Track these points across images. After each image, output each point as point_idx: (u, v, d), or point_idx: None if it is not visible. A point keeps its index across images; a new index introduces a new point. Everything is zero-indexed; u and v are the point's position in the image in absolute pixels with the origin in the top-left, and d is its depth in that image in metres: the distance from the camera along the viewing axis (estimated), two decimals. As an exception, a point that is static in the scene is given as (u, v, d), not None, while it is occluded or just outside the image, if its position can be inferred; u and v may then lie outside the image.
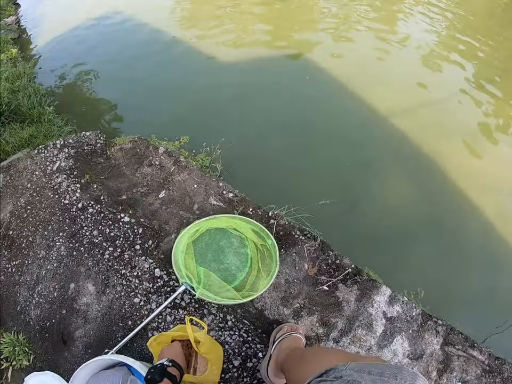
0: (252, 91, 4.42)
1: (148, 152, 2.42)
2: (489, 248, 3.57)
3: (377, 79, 5.32)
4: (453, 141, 4.59)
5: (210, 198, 2.22)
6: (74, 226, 2.16)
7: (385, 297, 2.07)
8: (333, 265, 2.12)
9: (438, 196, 3.89)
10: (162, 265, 2.00)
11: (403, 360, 1.91)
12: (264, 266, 2.03)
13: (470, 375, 2.06)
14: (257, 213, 2.20)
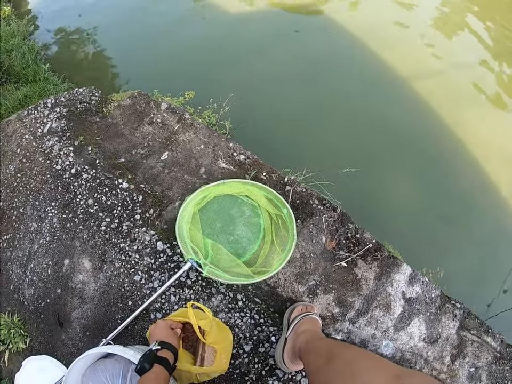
0: (266, 43, 4.07)
1: (149, 108, 2.13)
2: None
3: (396, 40, 4.91)
4: (472, 110, 4.24)
5: (219, 160, 1.94)
6: (68, 194, 1.92)
7: (405, 276, 1.89)
8: (352, 240, 1.87)
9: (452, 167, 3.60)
10: (165, 237, 1.76)
11: (418, 343, 1.79)
12: (278, 238, 1.78)
13: (481, 362, 1.97)
14: (272, 178, 1.92)
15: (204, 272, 1.53)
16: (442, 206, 3.18)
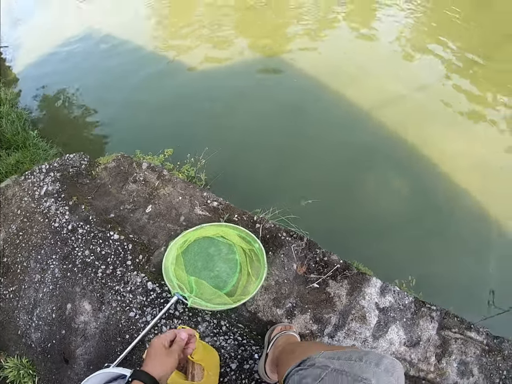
0: (235, 97, 4.50)
1: (132, 168, 2.48)
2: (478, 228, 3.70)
3: (357, 74, 5.42)
4: (435, 127, 4.70)
5: (196, 208, 2.29)
6: (66, 248, 2.22)
7: (376, 288, 2.14)
8: (321, 263, 2.18)
9: (424, 182, 3.99)
10: (154, 278, 2.07)
11: (400, 348, 1.98)
12: (253, 270, 2.10)
13: (470, 357, 2.13)
14: (243, 218, 2.27)
15: (188, 303, 1.85)
16: (416, 219, 3.55)
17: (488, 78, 6.24)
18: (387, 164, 4.00)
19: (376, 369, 0.88)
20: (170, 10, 6.97)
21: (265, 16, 6.85)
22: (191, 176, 2.99)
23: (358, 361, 0.90)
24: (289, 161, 3.73)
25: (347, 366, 0.91)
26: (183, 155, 3.13)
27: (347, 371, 0.89)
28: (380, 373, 0.87)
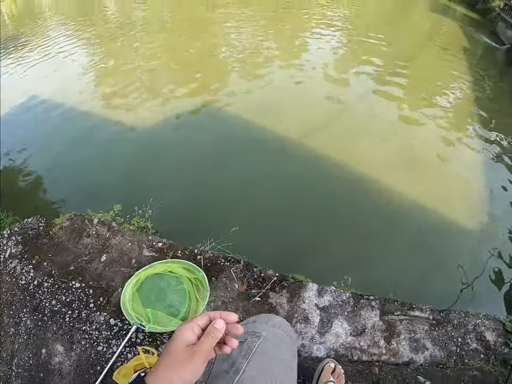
0: (170, 149, 4.99)
1: (84, 225, 2.89)
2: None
3: (288, 106, 6.11)
4: (364, 140, 5.44)
5: (144, 251, 2.73)
6: (35, 301, 2.58)
7: (313, 291, 2.56)
8: (259, 279, 2.66)
9: (352, 193, 4.63)
10: (115, 315, 2.47)
11: (347, 339, 2.33)
12: (200, 295, 2.54)
13: (419, 333, 2.45)
14: (185, 253, 2.73)
15: (146, 328, 2.27)
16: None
17: (410, 86, 7.17)
18: (318, 185, 4.60)
19: (265, 325, 1.16)
20: (107, 71, 7.40)
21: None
22: (142, 226, 3.39)
23: (251, 323, 1.20)
24: (221, 198, 4.25)
25: (249, 326, 1.17)
26: (132, 208, 3.52)
27: (248, 330, 1.16)
28: (268, 327, 1.15)
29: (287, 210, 4.26)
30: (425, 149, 6.49)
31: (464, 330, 2.67)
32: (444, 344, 2.51)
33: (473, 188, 6.14)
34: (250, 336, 1.11)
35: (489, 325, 2.82)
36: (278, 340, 1.15)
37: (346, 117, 6.46)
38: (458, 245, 4.87)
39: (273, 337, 1.14)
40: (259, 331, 1.13)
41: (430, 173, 5.91)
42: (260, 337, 1.11)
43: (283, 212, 4.25)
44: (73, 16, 12.00)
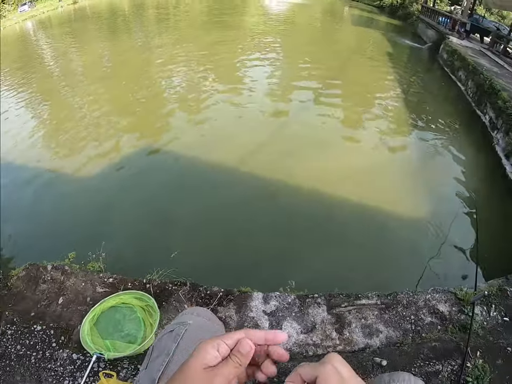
0: (118, 192, 5.30)
1: (40, 272, 3.16)
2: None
3: (232, 135, 6.59)
4: (308, 153, 5.95)
5: (97, 288, 3.04)
6: (1, 349, 2.83)
7: (259, 300, 2.85)
8: (206, 297, 3.00)
9: (295, 207, 5.09)
10: (77, 350, 2.76)
11: (299, 337, 2.55)
12: (153, 320, 2.88)
13: (370, 319, 2.68)
14: (135, 284, 3.06)
15: (105, 356, 2.59)
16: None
17: (346, 98, 7.84)
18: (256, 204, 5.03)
19: (191, 315, 1.32)
20: (51, 124, 7.57)
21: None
22: (97, 270, 3.62)
23: (180, 316, 1.37)
24: (166, 230, 4.60)
25: (176, 320, 1.32)
26: (85, 253, 3.73)
27: (174, 322, 1.28)
28: (193, 317, 1.31)
29: (229, 231, 4.67)
30: (367, 156, 7.15)
31: (415, 308, 2.96)
32: (397, 324, 2.75)
33: (416, 185, 6.81)
34: (178, 325, 1.22)
35: (440, 297, 3.17)
36: (204, 326, 1.29)
37: (288, 136, 7.03)
38: (404, 238, 5.45)
39: (199, 324, 1.26)
40: (185, 320, 1.25)
41: (373, 177, 6.52)
42: (186, 324, 1.21)
43: (225, 233, 4.67)
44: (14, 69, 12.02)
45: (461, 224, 5.86)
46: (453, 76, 14.92)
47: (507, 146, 8.66)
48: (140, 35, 16.26)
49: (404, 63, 15.91)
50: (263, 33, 16.77)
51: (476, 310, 3.11)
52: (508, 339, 2.94)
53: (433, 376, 2.54)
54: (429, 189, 6.82)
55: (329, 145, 6.85)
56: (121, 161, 6.05)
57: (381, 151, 7.68)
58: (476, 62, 13.63)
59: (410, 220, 5.96)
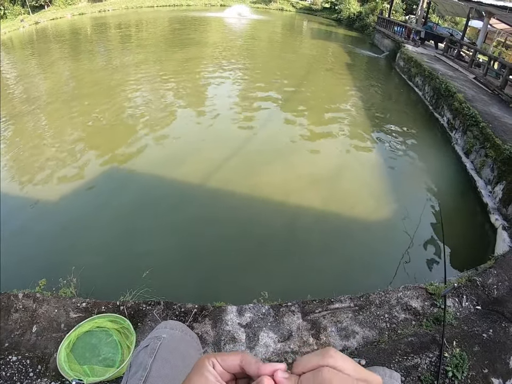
0: (88, 214, 5.27)
1: (11, 301, 3.15)
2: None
3: (198, 153, 6.65)
4: (264, 169, 6.11)
5: (70, 313, 3.07)
6: (-24, 383, 2.84)
7: (234, 313, 2.90)
8: (181, 314, 3.05)
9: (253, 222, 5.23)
10: (55, 378, 2.78)
11: (277, 346, 2.61)
12: (130, 342, 2.94)
13: (345, 322, 2.76)
14: (109, 307, 3.11)
15: (85, 382, 2.65)
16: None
17: (309, 109, 8.06)
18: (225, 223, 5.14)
19: (165, 329, 1.34)
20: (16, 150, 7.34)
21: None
22: (69, 296, 3.61)
23: (155, 330, 1.37)
24: (136, 250, 4.64)
25: (150, 335, 1.38)
26: (56, 280, 3.69)
27: (149, 337, 1.30)
28: (167, 330, 1.33)
29: (198, 246, 4.76)
30: (330, 163, 7.37)
31: (388, 306, 3.07)
32: (372, 324, 2.85)
33: (381, 188, 7.07)
34: (153, 339, 1.25)
35: (411, 294, 3.33)
36: (178, 338, 1.29)
37: (252, 149, 7.18)
38: (373, 239, 5.64)
39: (173, 337, 1.28)
40: (160, 334, 1.26)
41: (337, 183, 6.74)
42: (161, 339, 1.23)
43: (195, 249, 4.75)
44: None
45: (427, 221, 6.14)
46: (410, 82, 15.62)
47: (466, 145, 9.12)
48: (103, 55, 16.05)
49: (363, 72, 16.55)
50: (226, 50, 16.94)
51: (448, 302, 3.30)
52: (481, 326, 3.13)
53: (413, 369, 2.67)
54: (394, 190, 7.10)
55: (293, 156, 7.06)
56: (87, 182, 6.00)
57: (344, 158, 7.96)
58: (432, 67, 14.27)
59: (378, 221, 6.18)
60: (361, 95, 12.69)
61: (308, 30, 28.31)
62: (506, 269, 3.95)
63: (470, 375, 2.67)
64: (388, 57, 20.37)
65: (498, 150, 7.50)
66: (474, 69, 15.60)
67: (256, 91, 10.72)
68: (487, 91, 12.58)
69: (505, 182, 7.03)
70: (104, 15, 31.22)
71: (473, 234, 6.46)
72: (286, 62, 15.65)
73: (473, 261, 4.34)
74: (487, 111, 9.74)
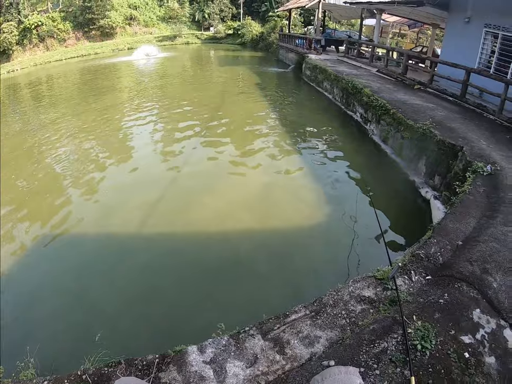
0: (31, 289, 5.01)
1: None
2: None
3: (129, 201, 6.56)
4: (195, 204, 6.09)
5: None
6: None
7: (195, 353, 2.80)
8: (144, 367, 2.79)
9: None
10: None
11: (247, 373, 2.55)
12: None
13: (305, 330, 2.76)
14: (71, 379, 2.84)
15: None
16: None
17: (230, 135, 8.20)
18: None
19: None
20: None
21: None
22: (30, 378, 3.31)
23: None
24: (80, 315, 4.46)
25: None
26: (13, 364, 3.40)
27: None
28: None
29: (147, 297, 4.60)
30: (258, 183, 7.63)
31: (343, 303, 3.10)
32: (332, 324, 2.87)
33: (309, 193, 7.29)
34: None
35: (361, 285, 3.39)
36: None
37: (181, 187, 7.16)
38: (315, 244, 5.77)
39: None
40: None
41: (268, 200, 6.83)
42: None
43: (142, 297, 4.58)
44: None
45: (364, 212, 6.40)
46: (320, 88, 16.59)
47: (382, 133, 9.76)
48: (19, 117, 15.18)
49: (274, 88, 17.28)
50: (141, 92, 16.78)
51: (398, 282, 3.42)
52: (436, 294, 3.26)
53: (382, 354, 2.71)
54: (326, 192, 7.37)
55: (220, 184, 7.14)
56: (19, 253, 5.64)
57: (271, 174, 8.15)
58: (336, 70, 15.18)
59: (319, 224, 6.36)
60: (276, 110, 13.13)
61: (216, 58, 28.87)
62: (445, 234, 4.17)
63: (439, 341, 2.77)
64: (294, 69, 21.37)
65: (412, 130, 8.05)
66: (376, 63, 16.81)
67: (176, 128, 10.73)
68: (391, 80, 13.52)
69: (425, 157, 7.54)
70: (13, 75, 29.46)
71: (410, 212, 6.85)
72: (200, 94, 15.82)
73: (416, 236, 4.50)
74: (394, 98, 10.40)
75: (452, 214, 4.68)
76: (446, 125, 8.01)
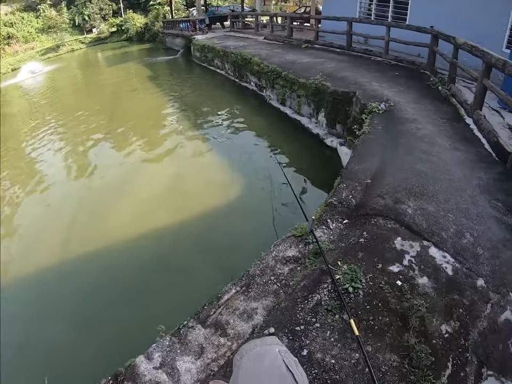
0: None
1: None
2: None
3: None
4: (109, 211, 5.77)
5: None
6: None
7: (144, 362, 2.56)
8: None
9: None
10: None
11: (197, 364, 2.46)
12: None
13: (241, 306, 2.73)
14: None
15: None
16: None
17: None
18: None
19: None
20: None
21: None
22: None
23: None
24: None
25: None
26: None
27: None
28: None
29: (80, 318, 4.30)
30: (170, 174, 7.35)
31: (270, 269, 3.04)
32: (264, 293, 2.82)
33: (222, 174, 7.13)
34: None
35: (283, 247, 3.34)
36: None
37: (94, 197, 6.77)
38: (238, 218, 5.66)
39: None
40: None
41: (182, 190, 6.61)
42: None
43: (80, 323, 4.27)
44: None
45: (277, 177, 6.34)
46: (212, 67, 16.29)
47: (278, 97, 9.83)
48: None
49: (167, 77, 16.69)
50: (35, 114, 15.08)
51: (318, 233, 3.41)
52: (355, 234, 3.31)
53: (318, 306, 2.68)
54: (239, 169, 7.21)
55: (131, 185, 6.79)
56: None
57: (180, 164, 7.91)
58: (224, 45, 14.99)
59: (238, 200, 6.21)
60: (175, 98, 12.77)
61: (104, 60, 27.34)
62: (353, 176, 4.24)
63: (368, 278, 2.80)
64: (184, 54, 20.89)
65: (306, 87, 8.20)
66: (262, 31, 16.91)
67: (79, 141, 9.99)
68: (278, 44, 13.71)
69: (323, 109, 7.76)
70: None
71: (321, 163, 6.95)
72: (94, 100, 14.80)
73: (333, 185, 4.51)
74: (283, 60, 10.49)
75: (356, 156, 4.78)
76: (336, 76, 8.22)
